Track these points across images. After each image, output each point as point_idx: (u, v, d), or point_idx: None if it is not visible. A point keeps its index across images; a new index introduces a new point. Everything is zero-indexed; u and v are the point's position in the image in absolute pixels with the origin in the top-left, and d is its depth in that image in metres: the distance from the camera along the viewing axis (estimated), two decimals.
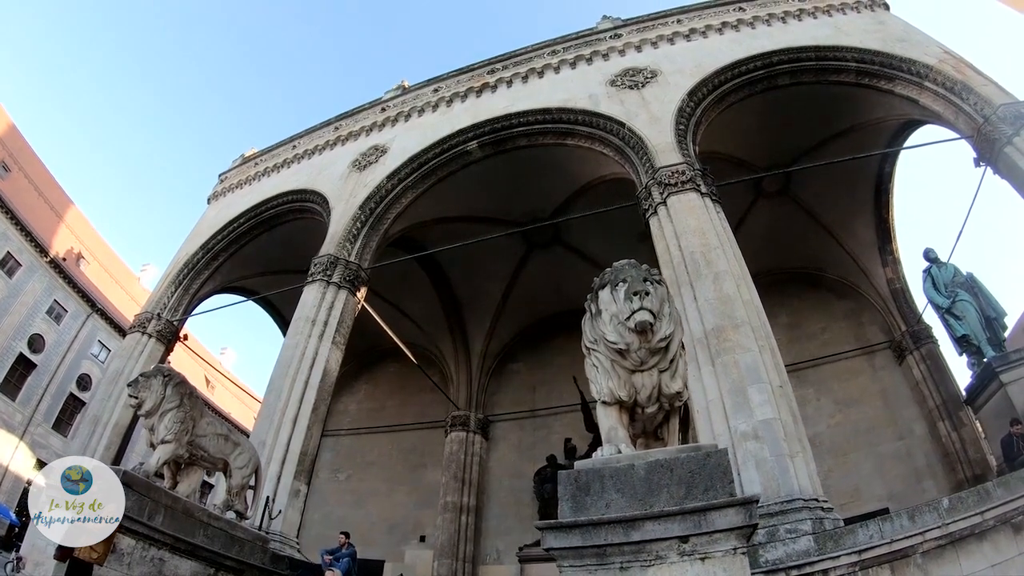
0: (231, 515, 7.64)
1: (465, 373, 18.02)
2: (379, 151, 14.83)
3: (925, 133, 12.84)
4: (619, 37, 14.40)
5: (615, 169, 12.61)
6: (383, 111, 16.52)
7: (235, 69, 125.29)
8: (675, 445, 3.94)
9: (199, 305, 16.07)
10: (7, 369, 25.68)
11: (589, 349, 4.05)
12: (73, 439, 23.82)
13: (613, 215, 12.09)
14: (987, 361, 9.79)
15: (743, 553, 2.92)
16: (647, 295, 3.77)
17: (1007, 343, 10.34)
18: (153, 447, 6.83)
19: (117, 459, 12.31)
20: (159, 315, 14.64)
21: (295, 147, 17.67)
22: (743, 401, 7.31)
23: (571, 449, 15.53)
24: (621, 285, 3.90)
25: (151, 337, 14.28)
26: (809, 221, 15.46)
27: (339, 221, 13.27)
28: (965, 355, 10.65)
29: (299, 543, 9.42)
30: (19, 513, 21.17)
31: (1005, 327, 10.46)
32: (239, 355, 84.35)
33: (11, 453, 24.93)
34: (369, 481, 17.98)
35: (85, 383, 29.58)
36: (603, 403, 3.88)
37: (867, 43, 11.98)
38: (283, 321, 18.37)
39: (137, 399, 6.87)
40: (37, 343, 27.33)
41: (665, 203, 9.97)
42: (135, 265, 40.18)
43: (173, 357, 15.22)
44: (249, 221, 15.85)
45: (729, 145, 13.24)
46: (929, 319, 14.31)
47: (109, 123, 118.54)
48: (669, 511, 2.99)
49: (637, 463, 3.30)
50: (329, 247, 12.69)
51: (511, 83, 14.68)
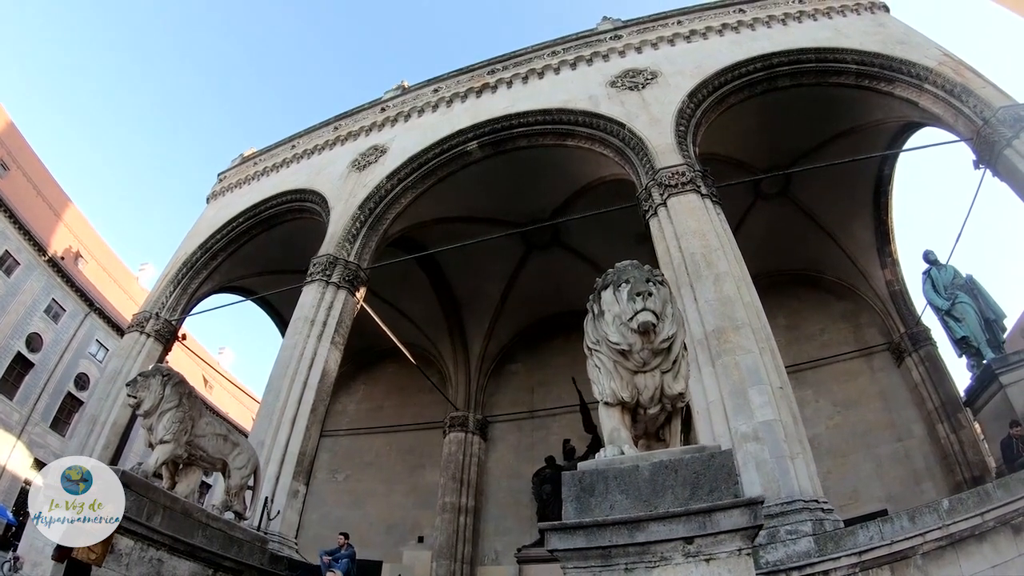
0: (230, 515, 7.62)
1: (464, 374, 17.99)
2: (379, 151, 14.81)
3: (925, 135, 12.90)
4: (619, 38, 14.41)
5: (615, 170, 12.60)
6: (383, 111, 16.50)
7: (235, 68, 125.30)
8: (677, 446, 3.93)
9: (198, 305, 16.04)
10: (5, 368, 25.62)
11: (591, 350, 4.02)
12: (71, 438, 23.68)
13: (612, 216, 12.09)
14: (987, 363, 9.81)
15: (748, 554, 2.90)
16: (650, 296, 3.76)
17: (1005, 345, 10.36)
18: (152, 447, 6.80)
19: (115, 459, 12.29)
20: (157, 314, 14.61)
21: (294, 147, 17.64)
22: (743, 402, 7.31)
23: (570, 450, 15.50)
24: (624, 286, 3.88)
25: (149, 336, 14.26)
26: (808, 223, 15.47)
27: (338, 221, 13.25)
28: (965, 357, 10.67)
29: (297, 544, 9.40)
30: (16, 512, 21.10)
31: (1004, 329, 10.49)
32: (237, 355, 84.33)
33: (8, 452, 24.86)
34: (367, 482, 17.94)
35: (83, 382, 29.50)
36: (605, 404, 3.86)
37: (867, 45, 12.01)
38: (282, 321, 18.35)
39: (136, 399, 6.85)
40: (35, 342, 27.27)
41: (665, 204, 9.97)
42: (133, 264, 40.16)
43: (171, 357, 15.20)
44: (248, 221, 15.82)
45: (729, 146, 13.24)
46: (928, 321, 14.33)
47: (108, 122, 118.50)
48: (674, 512, 2.98)
49: (641, 464, 3.28)
50: (328, 247, 12.67)
51: (511, 84, 14.67)
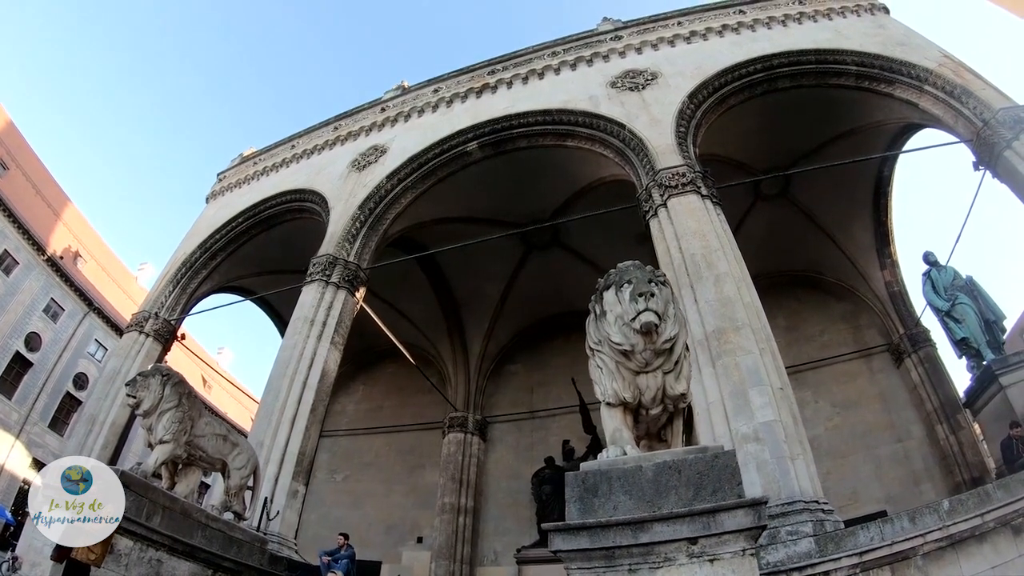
0: (229, 516, 7.60)
1: (463, 374, 17.97)
2: (378, 151, 14.80)
3: (924, 137, 12.91)
4: (619, 39, 14.40)
5: (615, 171, 12.60)
6: (383, 111, 16.48)
7: (234, 68, 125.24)
8: (679, 446, 3.92)
9: (197, 304, 16.01)
10: (3, 367, 25.57)
11: (593, 350, 4.02)
12: (69, 438, 23.64)
13: (612, 217, 12.08)
14: (986, 364, 9.82)
15: (752, 554, 2.89)
16: (652, 296, 3.75)
17: (1005, 346, 10.36)
18: (151, 447, 6.78)
19: (114, 459, 12.26)
20: (156, 314, 14.58)
21: (294, 147, 17.62)
22: (744, 403, 7.30)
23: (569, 451, 15.49)
24: (626, 286, 3.88)
25: (148, 336, 14.23)
26: (808, 224, 15.47)
27: (338, 221, 13.23)
28: (964, 358, 10.67)
29: (297, 544, 9.38)
30: (15, 512, 21.04)
31: (1004, 330, 10.49)
32: (236, 355, 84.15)
33: (7, 452, 24.81)
34: (366, 482, 17.92)
35: (82, 382, 29.45)
36: (607, 404, 3.85)
37: (867, 47, 12.02)
38: (281, 321, 18.33)
39: (135, 398, 6.83)
40: (34, 341, 27.22)
41: (666, 205, 9.96)
42: (132, 264, 40.12)
43: (170, 356, 15.17)
44: (248, 220, 15.79)
45: (728, 147, 13.24)
46: (927, 322, 14.36)
47: (107, 121, 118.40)
48: (678, 513, 2.97)
49: (645, 464, 3.27)
50: (328, 247, 12.65)
51: (511, 84, 14.67)
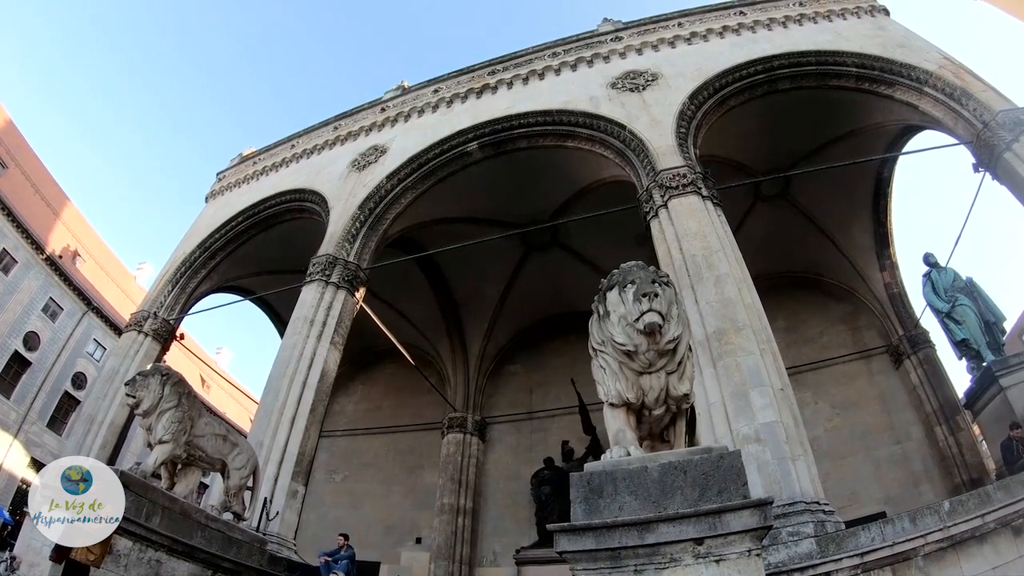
0: (228, 516, 7.58)
1: (462, 375, 17.96)
2: (378, 151, 14.79)
3: (924, 138, 12.92)
4: (620, 40, 14.41)
5: (615, 172, 12.60)
6: (383, 111, 16.47)
7: (234, 68, 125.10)
8: (682, 447, 3.92)
9: (196, 304, 15.98)
10: (2, 367, 25.49)
11: (596, 351, 4.00)
12: (68, 438, 23.60)
13: (611, 218, 12.10)
14: (987, 365, 9.83)
15: (757, 555, 2.89)
16: (656, 296, 3.74)
17: (1004, 347, 10.37)
18: (151, 447, 6.75)
19: (112, 459, 12.23)
20: (155, 314, 14.55)
21: (294, 147, 17.60)
22: (745, 404, 7.30)
23: (568, 452, 15.49)
24: (630, 287, 3.87)
25: (147, 336, 14.21)
26: (807, 225, 15.49)
27: (338, 221, 13.22)
28: (964, 359, 10.68)
29: (296, 544, 9.36)
30: (13, 511, 20.97)
31: (1004, 332, 10.51)
32: (235, 354, 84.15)
33: (5, 451, 24.74)
34: (365, 482, 17.90)
35: (80, 381, 29.38)
36: (611, 405, 3.84)
37: (867, 48, 12.04)
38: (280, 321, 18.31)
39: (135, 398, 6.80)
40: (32, 341, 27.15)
41: (666, 206, 9.96)
42: (131, 263, 40.00)
43: (169, 356, 15.13)
44: (247, 220, 15.77)
45: (728, 148, 13.25)
46: (926, 324, 14.38)
47: (107, 121, 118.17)
48: (684, 513, 2.97)
49: (650, 465, 3.26)
50: (328, 247, 12.63)
51: (511, 84, 14.67)
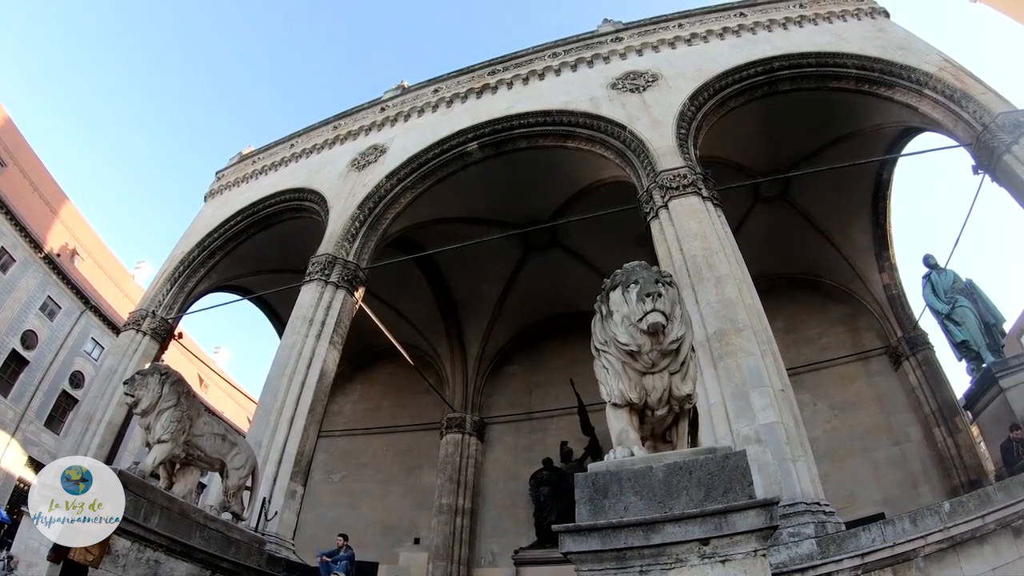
0: (227, 516, 7.55)
1: (461, 375, 17.94)
2: (378, 151, 14.75)
3: (924, 140, 12.90)
4: (620, 40, 14.40)
5: (615, 172, 12.59)
6: (382, 111, 16.45)
7: (234, 67, 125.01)
8: (685, 447, 3.90)
9: (194, 303, 15.93)
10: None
11: (599, 351, 3.99)
12: (66, 437, 23.53)
13: (612, 219, 12.08)
14: (986, 366, 9.84)
15: (763, 555, 2.88)
16: (659, 296, 3.73)
17: (1004, 349, 10.39)
18: (149, 446, 6.71)
19: (110, 458, 12.19)
20: (154, 313, 14.50)
21: (293, 146, 17.56)
22: (745, 405, 7.29)
23: (567, 452, 15.47)
24: (633, 286, 3.85)
25: (146, 335, 14.16)
26: (807, 226, 15.49)
27: (337, 220, 13.19)
28: (964, 360, 10.70)
29: (295, 545, 9.33)
30: (10, 511, 20.89)
31: (1004, 333, 10.52)
32: (233, 354, 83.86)
33: (2, 450, 24.67)
34: (364, 482, 17.88)
35: (78, 380, 29.30)
36: (613, 405, 3.83)
37: (867, 50, 12.04)
38: (278, 320, 18.29)
39: (133, 397, 6.76)
40: (30, 339, 27.07)
41: (667, 206, 9.94)
42: (130, 262, 39.97)
43: (167, 355, 15.07)
44: (246, 219, 15.72)
45: (728, 150, 13.25)
46: (925, 325, 14.39)
47: (106, 119, 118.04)
48: (689, 513, 2.95)
49: (655, 465, 3.25)
50: (327, 246, 12.60)
51: (511, 84, 14.65)
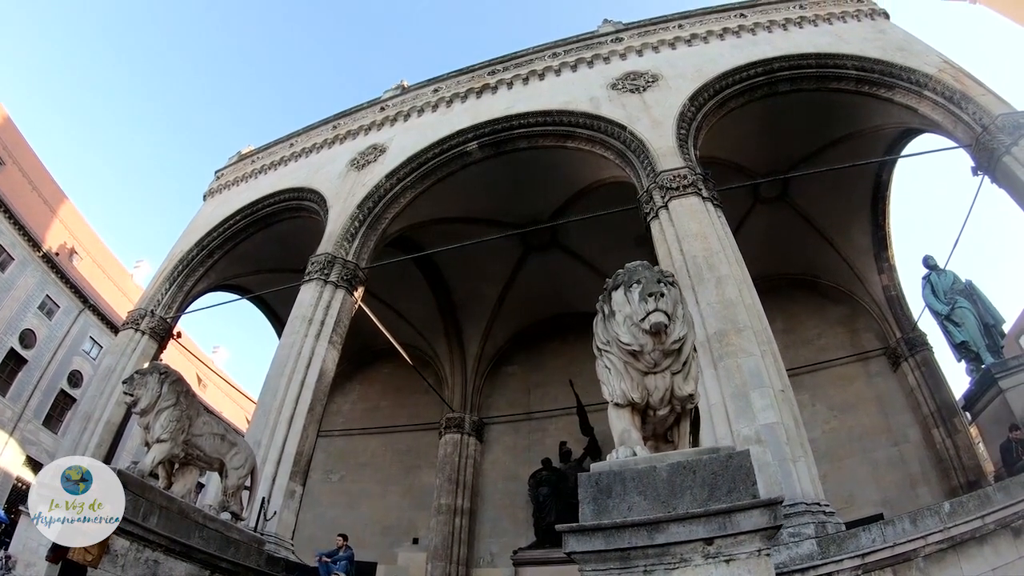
0: (226, 516, 7.53)
1: (460, 375, 17.93)
2: (378, 150, 14.74)
3: (923, 141, 12.91)
4: (620, 41, 14.40)
5: (615, 172, 12.59)
6: (382, 110, 16.43)
7: (233, 66, 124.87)
8: (686, 447, 3.90)
9: (193, 303, 15.91)
10: None
11: (601, 351, 3.99)
12: (64, 436, 23.49)
13: (611, 219, 12.10)
14: (986, 367, 9.85)
15: (767, 555, 2.88)
16: (662, 296, 3.73)
17: (1003, 350, 10.40)
18: (148, 446, 6.69)
19: (109, 457, 12.16)
20: (153, 312, 14.48)
21: (292, 145, 17.54)
22: (745, 405, 7.29)
23: (566, 452, 15.47)
24: (635, 286, 3.85)
25: (144, 334, 14.13)
26: (806, 227, 15.51)
27: (337, 220, 13.17)
28: (964, 361, 10.71)
29: (294, 545, 9.31)
30: (8, 510, 20.85)
31: (1003, 334, 10.54)
32: (231, 354, 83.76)
33: (0, 449, 24.62)
34: (362, 482, 17.86)
35: (76, 380, 29.22)
36: (616, 405, 3.82)
37: (867, 51, 12.06)
38: (277, 320, 18.26)
39: (132, 396, 6.74)
40: (28, 338, 26.99)
41: (667, 207, 9.94)
42: (129, 261, 39.91)
43: (165, 355, 15.04)
44: (245, 219, 15.70)
45: (728, 150, 13.26)
46: (924, 326, 14.41)
47: (105, 118, 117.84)
48: (694, 513, 2.95)
49: (659, 465, 3.24)
50: (327, 246, 12.58)
51: (511, 84, 14.64)
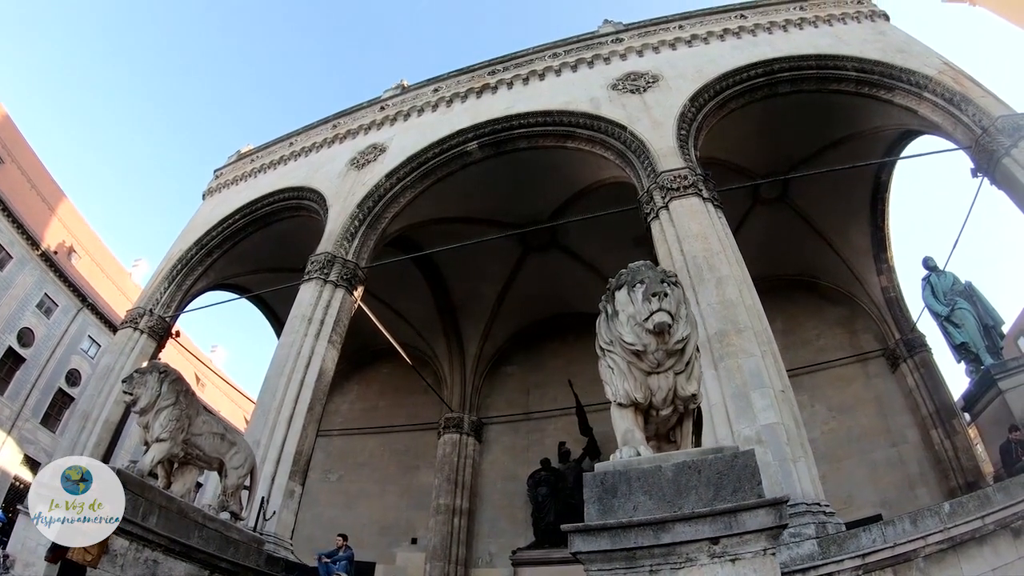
0: (225, 516, 7.51)
1: (459, 375, 17.93)
2: (378, 150, 14.73)
3: (923, 143, 12.93)
4: (621, 41, 14.41)
5: (615, 173, 12.59)
6: (382, 110, 16.42)
7: (233, 65, 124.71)
8: (689, 447, 3.90)
9: (192, 302, 15.88)
10: None
11: (604, 350, 3.98)
12: (62, 435, 23.46)
13: (611, 219, 12.10)
14: (985, 368, 9.87)
15: (772, 554, 2.89)
16: (665, 296, 3.73)
17: (1003, 351, 10.42)
18: (147, 445, 6.67)
19: (107, 457, 12.14)
20: (151, 311, 14.46)
21: (292, 144, 17.51)
22: (746, 405, 7.29)
23: (565, 452, 15.49)
24: (639, 286, 3.85)
25: (143, 333, 14.12)
26: (805, 228, 15.53)
27: (336, 219, 13.16)
28: (963, 362, 10.73)
29: (293, 544, 9.29)
30: (6, 509, 20.80)
31: (1003, 335, 10.56)
32: (230, 353, 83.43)
33: None
34: (361, 482, 17.84)
35: (74, 378, 29.14)
36: (619, 405, 3.82)
37: (867, 53, 12.08)
38: (276, 319, 18.24)
39: (132, 395, 6.72)
40: (26, 337, 26.91)
41: (667, 207, 9.95)
42: (127, 260, 39.78)
43: (164, 354, 15.01)
44: (244, 218, 15.68)
45: (728, 151, 13.28)
46: (923, 327, 14.43)
47: (104, 117, 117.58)
48: (699, 512, 2.96)
49: (664, 465, 3.25)
50: (326, 245, 12.57)
51: (512, 84, 14.64)
